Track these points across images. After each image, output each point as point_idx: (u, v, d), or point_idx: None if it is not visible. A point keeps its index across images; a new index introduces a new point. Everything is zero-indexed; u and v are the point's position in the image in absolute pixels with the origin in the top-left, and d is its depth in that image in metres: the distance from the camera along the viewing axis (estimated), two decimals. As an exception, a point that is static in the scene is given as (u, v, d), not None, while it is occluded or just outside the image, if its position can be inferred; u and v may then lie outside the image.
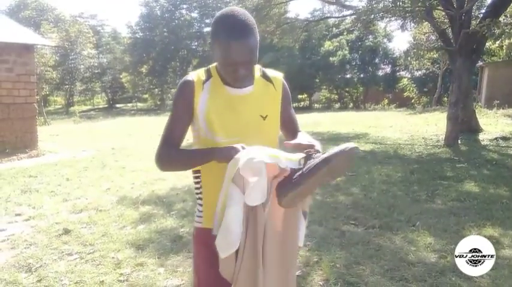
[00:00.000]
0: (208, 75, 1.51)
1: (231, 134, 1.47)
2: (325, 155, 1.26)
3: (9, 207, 4.96)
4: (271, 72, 1.60)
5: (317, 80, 30.57)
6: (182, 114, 1.50)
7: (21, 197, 5.40)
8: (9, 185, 6.05)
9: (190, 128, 1.56)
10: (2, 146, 8.90)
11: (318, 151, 1.34)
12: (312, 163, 1.28)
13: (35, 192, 5.68)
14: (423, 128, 12.73)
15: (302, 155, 1.35)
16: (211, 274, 1.47)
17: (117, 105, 39.69)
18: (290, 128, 1.66)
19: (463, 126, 10.00)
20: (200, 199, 1.58)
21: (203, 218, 1.56)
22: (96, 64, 35.33)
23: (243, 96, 1.50)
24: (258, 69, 1.56)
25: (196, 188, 1.60)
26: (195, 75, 1.51)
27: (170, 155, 1.50)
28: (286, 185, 1.30)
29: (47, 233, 4.05)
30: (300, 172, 1.28)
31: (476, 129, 10.92)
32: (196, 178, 1.58)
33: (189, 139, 1.56)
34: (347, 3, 13.40)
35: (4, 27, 9.81)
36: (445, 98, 23.02)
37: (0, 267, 3.29)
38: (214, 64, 1.53)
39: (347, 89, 31.04)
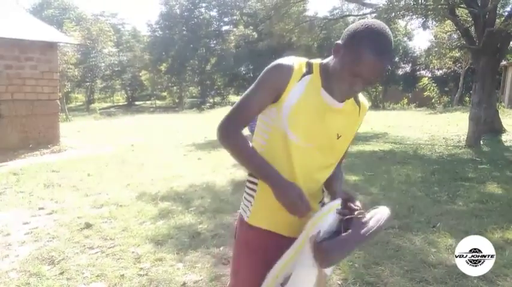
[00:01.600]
0: (309, 70, 1.40)
1: (309, 140, 1.40)
2: (375, 227, 1.27)
3: (33, 201, 5.08)
4: (361, 97, 1.55)
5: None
6: (266, 95, 1.38)
7: (44, 192, 5.53)
8: (33, 180, 6.19)
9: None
10: (26, 142, 9.11)
11: (360, 213, 1.30)
12: (365, 229, 1.27)
13: (57, 187, 5.80)
14: (444, 128, 12.52)
15: (334, 206, 1.32)
16: (250, 272, 1.49)
17: (136, 103, 40.23)
18: None
19: (486, 127, 9.80)
20: (253, 190, 1.50)
21: (251, 213, 1.51)
22: (116, 62, 35.84)
23: (334, 109, 1.41)
24: None
25: (250, 183, 1.52)
26: (297, 62, 1.39)
27: (235, 139, 1.40)
28: (337, 247, 1.25)
29: (69, 227, 4.13)
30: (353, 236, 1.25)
31: (499, 130, 10.70)
32: (252, 175, 1.52)
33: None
34: (367, 1, 13.23)
35: (29, 25, 10.03)
36: (467, 98, 22.57)
37: (24, 259, 3.37)
38: (318, 61, 1.44)
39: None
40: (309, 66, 1.40)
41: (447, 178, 6.10)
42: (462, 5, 9.84)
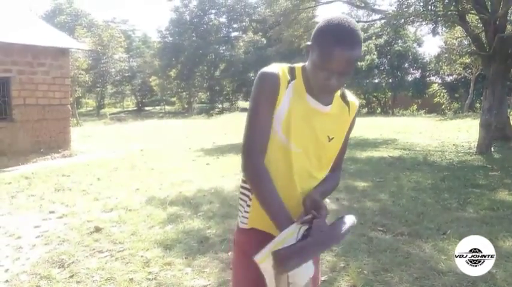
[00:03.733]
0: (293, 75, 1.41)
1: (299, 144, 1.40)
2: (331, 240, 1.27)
3: (44, 205, 5.14)
4: (350, 95, 1.53)
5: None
6: (268, 108, 1.36)
7: (54, 196, 5.59)
8: (44, 184, 6.26)
9: None
10: (37, 146, 9.24)
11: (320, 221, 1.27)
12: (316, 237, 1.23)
13: (68, 191, 5.86)
14: (454, 134, 12.42)
15: (298, 227, 1.28)
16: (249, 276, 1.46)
17: (146, 108, 40.58)
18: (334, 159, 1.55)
19: (497, 134, 9.70)
20: (249, 199, 1.49)
21: (248, 219, 1.50)
22: (126, 68, 36.26)
23: (320, 113, 1.42)
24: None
25: (244, 192, 1.51)
26: (280, 70, 1.39)
27: (257, 177, 1.38)
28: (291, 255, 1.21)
29: (79, 230, 4.17)
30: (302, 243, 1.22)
31: (510, 136, 10.57)
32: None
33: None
34: (376, 7, 13.24)
35: (41, 31, 10.20)
36: (478, 104, 22.40)
37: (35, 262, 3.41)
38: (300, 65, 1.44)
39: (375, 94, 30.63)
40: (292, 71, 1.42)
41: (457, 184, 6.04)
42: (472, 11, 9.79)
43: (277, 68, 1.39)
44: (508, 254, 3.37)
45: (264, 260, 1.29)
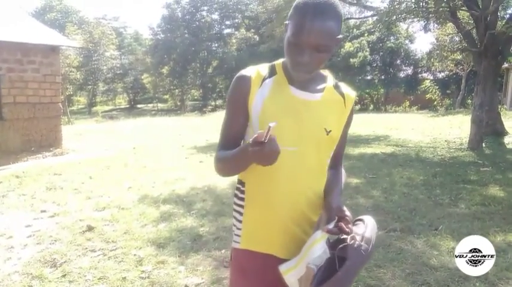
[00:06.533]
0: (272, 72, 1.33)
1: (288, 142, 1.26)
2: (365, 247, 1.17)
3: (35, 204, 5.10)
4: (345, 87, 1.41)
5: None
6: (237, 115, 1.33)
7: (46, 194, 5.54)
8: (35, 183, 6.20)
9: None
10: (28, 145, 9.14)
11: (349, 232, 1.19)
12: (352, 257, 1.15)
13: (60, 189, 5.81)
14: (446, 130, 12.51)
15: (323, 236, 1.20)
16: None
17: (138, 106, 40.37)
18: (333, 156, 1.42)
19: (488, 130, 9.79)
20: (240, 213, 1.39)
21: (241, 237, 1.39)
22: (118, 65, 36.00)
23: (309, 102, 1.31)
24: (331, 79, 1.40)
25: (236, 204, 1.41)
26: (254, 70, 1.33)
27: (216, 158, 1.36)
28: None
29: (71, 229, 4.14)
30: (340, 272, 1.14)
31: (501, 132, 10.67)
32: (238, 190, 1.41)
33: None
34: (368, 4, 13.28)
35: (31, 29, 10.07)
36: (469, 101, 22.56)
37: (27, 262, 3.38)
38: (281, 60, 1.36)
39: (367, 91, 30.73)
40: (272, 68, 1.35)
41: (449, 180, 6.09)
42: (463, 8, 9.84)
43: (251, 69, 1.34)
44: (499, 249, 3.40)
45: (290, 272, 1.23)
